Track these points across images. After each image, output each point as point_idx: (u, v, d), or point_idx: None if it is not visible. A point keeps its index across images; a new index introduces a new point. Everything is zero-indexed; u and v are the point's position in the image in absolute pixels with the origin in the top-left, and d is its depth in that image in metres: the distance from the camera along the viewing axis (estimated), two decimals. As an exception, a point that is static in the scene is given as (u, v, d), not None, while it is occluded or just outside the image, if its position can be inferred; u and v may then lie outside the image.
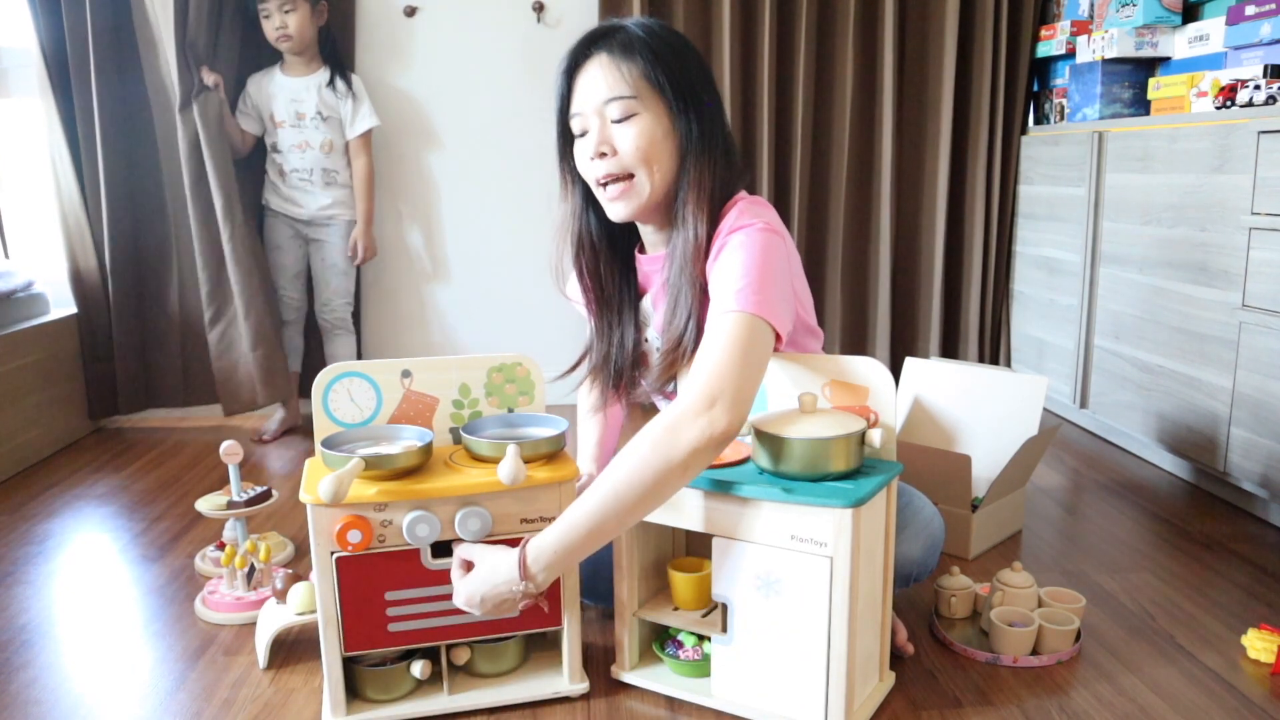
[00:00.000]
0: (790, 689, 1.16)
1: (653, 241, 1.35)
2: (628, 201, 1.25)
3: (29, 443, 2.33)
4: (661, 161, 1.23)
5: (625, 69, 1.21)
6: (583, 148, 1.26)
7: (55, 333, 2.49)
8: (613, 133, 1.22)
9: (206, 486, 2.14)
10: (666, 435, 1.06)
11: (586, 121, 1.24)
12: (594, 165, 1.24)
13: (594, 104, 1.22)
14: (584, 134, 1.25)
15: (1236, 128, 1.84)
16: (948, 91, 2.73)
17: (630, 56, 1.21)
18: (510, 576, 1.10)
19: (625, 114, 1.21)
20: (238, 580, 1.52)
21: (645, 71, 1.21)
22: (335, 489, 1.08)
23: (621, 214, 1.27)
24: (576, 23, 2.71)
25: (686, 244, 1.23)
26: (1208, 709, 1.24)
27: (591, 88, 1.23)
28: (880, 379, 1.19)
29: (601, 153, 1.23)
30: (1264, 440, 1.78)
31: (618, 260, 1.37)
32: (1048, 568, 1.68)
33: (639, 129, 1.21)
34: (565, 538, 1.09)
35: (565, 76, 1.26)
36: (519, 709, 1.25)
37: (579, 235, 1.35)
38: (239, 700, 1.28)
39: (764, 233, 1.18)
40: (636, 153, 1.21)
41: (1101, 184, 2.33)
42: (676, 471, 1.06)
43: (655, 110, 1.22)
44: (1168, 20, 2.32)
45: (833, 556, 1.09)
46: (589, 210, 1.34)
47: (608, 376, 1.39)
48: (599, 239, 1.35)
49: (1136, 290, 2.19)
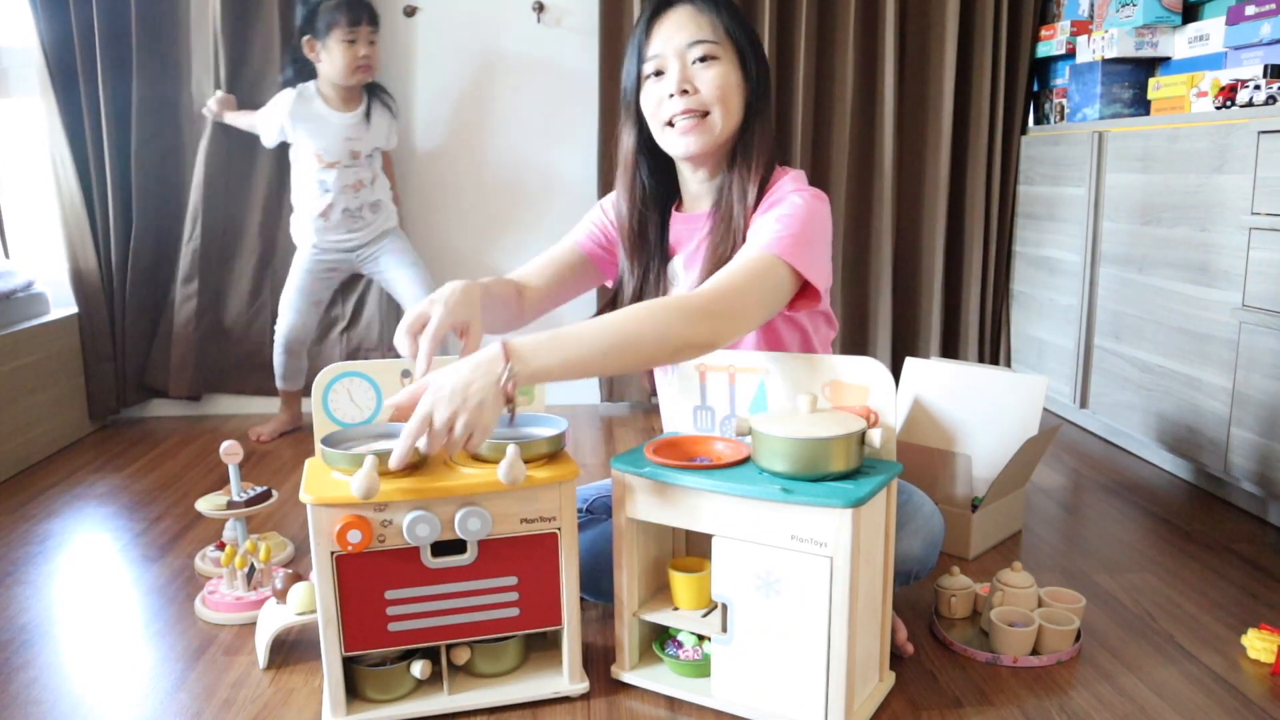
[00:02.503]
0: (790, 689, 1.16)
1: (695, 194, 1.40)
2: (698, 136, 1.30)
3: (29, 443, 2.33)
4: (734, 106, 1.31)
5: (710, 18, 1.31)
6: (657, 88, 1.32)
7: (55, 333, 2.48)
8: (694, 72, 1.30)
9: (206, 486, 2.14)
10: (676, 315, 1.12)
11: (665, 63, 1.31)
12: (670, 102, 1.30)
13: (676, 46, 1.30)
14: (660, 74, 1.32)
15: (1236, 128, 1.84)
16: (948, 91, 2.73)
17: (714, 9, 1.31)
18: (493, 357, 1.06)
19: (707, 56, 1.30)
20: (238, 580, 1.52)
21: (726, 24, 1.31)
22: (368, 485, 1.08)
23: (690, 147, 1.31)
24: (577, 23, 2.72)
25: (740, 196, 1.31)
26: (1208, 709, 1.24)
27: (675, 31, 1.30)
28: (880, 379, 1.19)
29: (683, 90, 1.29)
30: (1264, 440, 1.78)
31: (658, 213, 1.42)
32: (1048, 568, 1.68)
33: (718, 71, 1.30)
34: (558, 334, 1.10)
35: (646, 22, 1.33)
36: (519, 709, 1.25)
37: (631, 180, 1.40)
38: (239, 700, 1.28)
39: (816, 199, 1.28)
40: (716, 91, 1.29)
41: (1101, 184, 2.33)
42: (667, 348, 1.13)
43: (730, 61, 1.31)
44: (1168, 20, 2.32)
45: (833, 556, 1.09)
46: (643, 158, 1.40)
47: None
48: (649, 187, 1.41)
49: (1136, 290, 2.19)
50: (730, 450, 1.23)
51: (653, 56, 1.31)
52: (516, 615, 1.23)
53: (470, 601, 1.21)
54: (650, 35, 1.32)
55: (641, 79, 1.34)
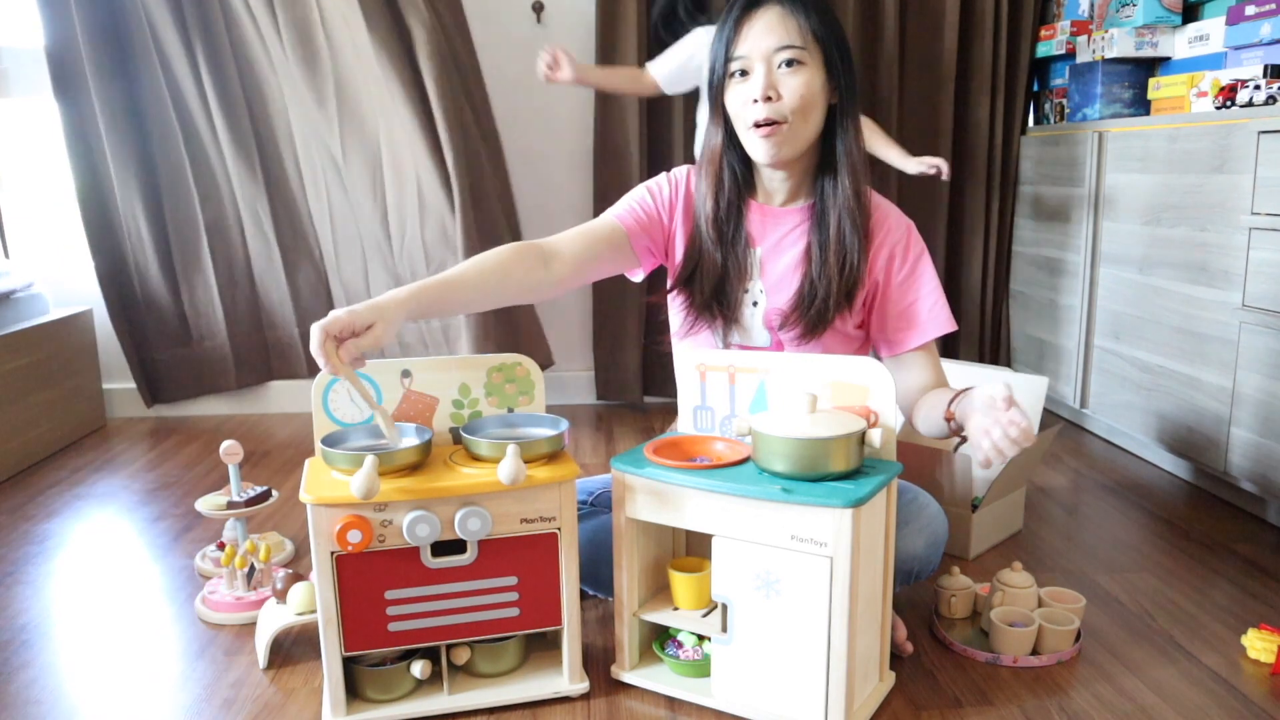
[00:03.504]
0: (790, 689, 1.16)
1: (776, 190, 1.40)
2: (780, 144, 1.30)
3: (29, 443, 2.33)
4: (815, 114, 1.31)
5: (799, 22, 1.29)
6: (743, 91, 1.31)
7: (55, 333, 2.49)
8: (778, 79, 1.29)
9: (206, 486, 2.14)
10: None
11: (751, 65, 1.30)
12: (754, 108, 1.29)
13: (763, 50, 1.29)
14: (745, 75, 1.31)
15: (1236, 128, 1.84)
16: (948, 92, 2.73)
17: (804, 12, 1.29)
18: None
19: (794, 60, 1.28)
20: (238, 580, 1.52)
21: (815, 28, 1.29)
22: (368, 485, 1.08)
23: (772, 155, 1.31)
24: (577, 22, 2.71)
25: (844, 200, 1.33)
26: (1208, 709, 1.24)
27: (763, 34, 1.29)
28: (880, 379, 1.19)
29: (768, 96, 1.28)
30: (1264, 440, 1.78)
31: (738, 203, 1.42)
32: (1048, 568, 1.68)
33: (803, 79, 1.29)
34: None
35: (734, 21, 1.31)
36: (519, 709, 1.25)
37: (718, 172, 1.40)
38: (239, 700, 1.28)
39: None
40: (799, 100, 1.28)
41: (1101, 184, 2.33)
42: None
43: (816, 66, 1.30)
44: (1168, 20, 2.32)
45: (833, 556, 1.09)
46: (730, 148, 1.39)
47: (708, 307, 1.41)
48: (734, 179, 1.40)
49: (1136, 290, 2.19)
50: (730, 450, 1.23)
51: (739, 57, 1.30)
52: (516, 615, 1.23)
53: (470, 601, 1.21)
54: (739, 34, 1.30)
55: (727, 77, 1.33)
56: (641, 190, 1.47)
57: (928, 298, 1.37)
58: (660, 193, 1.45)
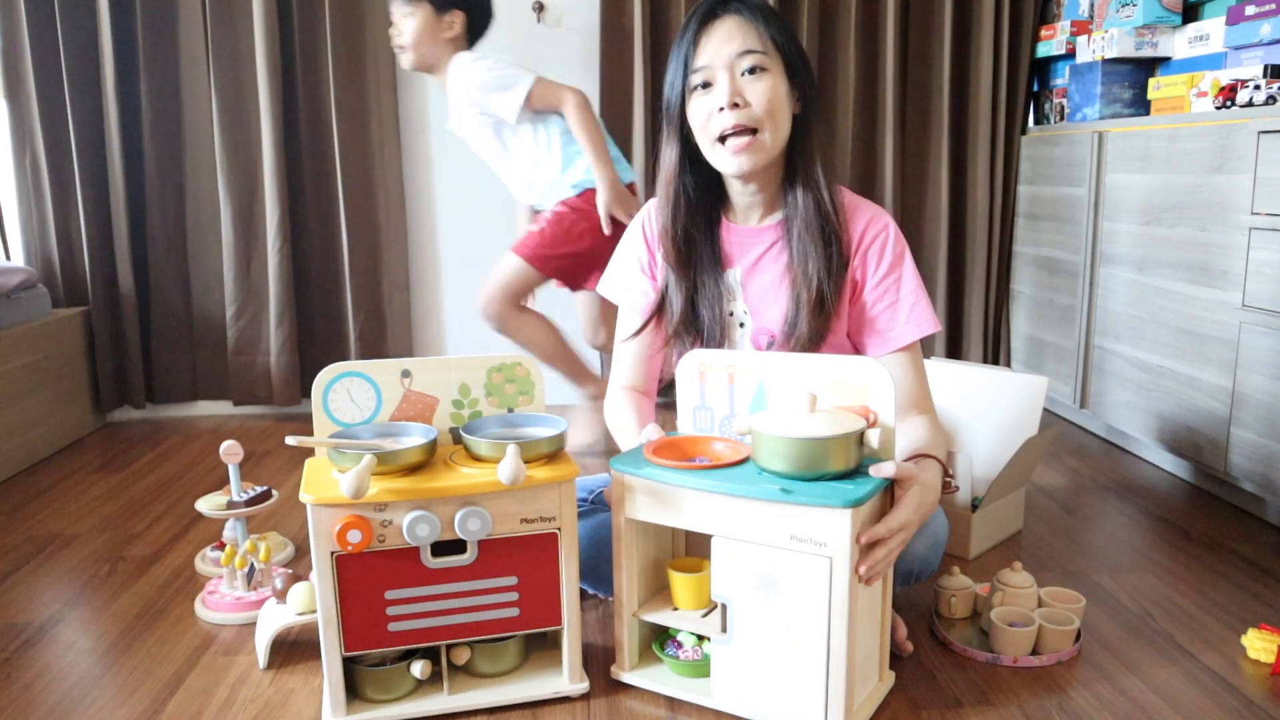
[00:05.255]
0: (790, 689, 1.16)
1: (745, 205, 1.38)
2: (750, 155, 1.28)
3: (29, 443, 2.33)
4: (781, 121, 1.29)
5: (758, 29, 1.28)
6: (706, 102, 1.29)
7: (55, 332, 2.48)
8: (743, 85, 1.27)
9: (206, 486, 2.14)
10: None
11: (714, 74, 1.28)
12: (721, 117, 1.27)
13: (725, 57, 1.27)
14: (707, 86, 1.28)
15: (1236, 128, 1.84)
16: (948, 92, 2.73)
17: (762, 19, 1.28)
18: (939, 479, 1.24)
19: (756, 67, 1.27)
20: (238, 580, 1.52)
21: (775, 35, 1.28)
22: (356, 485, 1.08)
23: (744, 166, 1.29)
24: (576, 23, 2.71)
25: (813, 208, 1.32)
26: (1208, 709, 1.24)
27: (724, 41, 1.27)
28: (879, 379, 1.19)
29: (734, 103, 1.26)
30: (1264, 440, 1.78)
31: (704, 224, 1.39)
32: (1048, 568, 1.68)
33: (768, 83, 1.27)
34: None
35: (693, 34, 1.29)
36: (519, 709, 1.25)
37: (674, 193, 1.37)
38: (239, 700, 1.28)
39: (904, 240, 1.37)
40: (766, 105, 1.27)
41: (1101, 184, 2.33)
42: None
43: (779, 73, 1.29)
44: (1168, 20, 2.32)
45: (832, 557, 1.09)
46: (686, 169, 1.36)
47: (692, 336, 1.39)
48: (694, 199, 1.38)
49: (1136, 290, 2.19)
50: (730, 450, 1.23)
51: (701, 68, 1.28)
52: (516, 615, 1.23)
53: (470, 601, 1.21)
54: (698, 46, 1.28)
55: (688, 91, 1.30)
56: (632, 268, 1.46)
57: (907, 299, 1.34)
58: (641, 259, 1.45)
